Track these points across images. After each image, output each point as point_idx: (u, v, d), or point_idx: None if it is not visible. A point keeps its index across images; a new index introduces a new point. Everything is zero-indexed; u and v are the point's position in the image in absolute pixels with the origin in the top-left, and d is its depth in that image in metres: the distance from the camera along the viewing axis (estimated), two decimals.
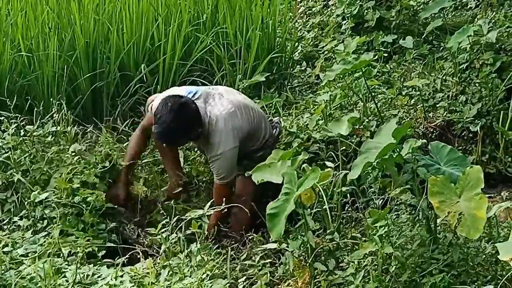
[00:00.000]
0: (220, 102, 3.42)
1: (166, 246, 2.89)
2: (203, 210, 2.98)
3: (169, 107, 3.26)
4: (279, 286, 2.73)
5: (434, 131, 4.14)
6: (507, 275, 2.53)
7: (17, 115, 3.82)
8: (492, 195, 3.65)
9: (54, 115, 3.88)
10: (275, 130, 3.69)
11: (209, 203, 3.03)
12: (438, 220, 2.76)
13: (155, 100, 3.50)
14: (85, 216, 3.26)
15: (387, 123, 2.95)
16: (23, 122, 3.80)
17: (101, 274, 2.80)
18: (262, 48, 4.63)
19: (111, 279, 2.75)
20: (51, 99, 4.16)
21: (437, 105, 4.26)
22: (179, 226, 2.93)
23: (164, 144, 3.49)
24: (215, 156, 3.33)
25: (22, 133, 3.72)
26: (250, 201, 3.37)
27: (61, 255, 2.98)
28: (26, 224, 3.25)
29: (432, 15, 4.86)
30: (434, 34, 5.02)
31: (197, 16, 4.71)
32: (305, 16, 5.76)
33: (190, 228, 2.94)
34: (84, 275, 2.79)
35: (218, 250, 3.00)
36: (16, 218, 3.32)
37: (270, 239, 2.75)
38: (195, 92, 3.48)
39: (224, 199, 3.13)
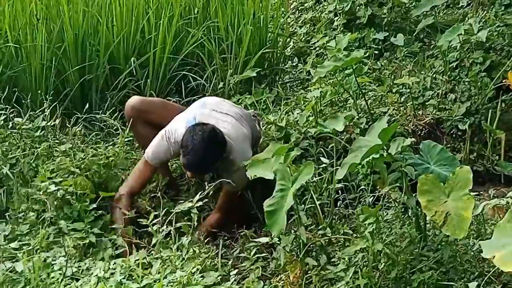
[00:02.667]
0: (221, 119, 3.41)
1: (158, 239, 2.87)
2: (192, 203, 2.96)
3: (200, 136, 3.19)
4: (271, 280, 2.73)
5: (424, 129, 4.16)
6: (492, 271, 2.56)
7: (7, 106, 3.77)
8: (480, 192, 3.68)
9: (45, 110, 3.82)
10: (256, 122, 3.71)
11: (197, 196, 3.01)
12: (428, 218, 2.77)
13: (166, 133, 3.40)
14: (74, 207, 3.19)
15: (379, 121, 2.95)
16: (12, 115, 3.75)
17: (92, 267, 2.78)
18: (254, 43, 4.62)
19: (100, 271, 2.74)
20: (39, 92, 4.12)
21: (427, 103, 4.28)
22: (168, 219, 2.90)
23: (191, 172, 3.35)
24: (235, 171, 3.28)
25: (10, 125, 3.67)
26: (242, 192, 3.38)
27: (50, 248, 2.96)
28: (33, 217, 3.19)
29: (424, 13, 4.87)
30: (425, 32, 5.04)
31: (189, 10, 4.68)
32: (297, 11, 5.75)
33: (181, 220, 2.94)
34: (78, 268, 2.77)
35: (209, 246, 2.99)
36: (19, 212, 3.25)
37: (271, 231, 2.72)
38: (193, 117, 3.41)
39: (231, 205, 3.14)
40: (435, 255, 2.67)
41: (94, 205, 3.25)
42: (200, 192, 3.00)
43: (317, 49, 5.11)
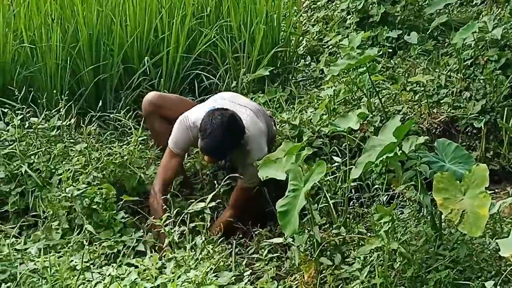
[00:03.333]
0: (240, 110, 3.40)
1: (170, 239, 2.88)
2: (205, 203, 2.97)
3: (219, 120, 3.19)
4: (285, 280, 2.73)
5: (438, 127, 4.13)
6: (508, 270, 2.54)
7: (23, 106, 3.80)
8: (496, 191, 3.66)
9: (61, 109, 3.85)
10: (272, 121, 3.71)
11: (210, 195, 3.01)
12: (443, 216, 2.75)
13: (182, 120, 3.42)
14: (101, 215, 3.17)
15: (392, 120, 2.94)
16: (29, 114, 3.78)
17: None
18: (266, 42, 4.62)
19: (114, 270, 2.75)
20: (54, 91, 4.15)
21: (441, 101, 4.25)
22: (179, 218, 2.90)
23: (209, 157, 3.36)
24: (250, 164, 3.27)
25: (27, 125, 3.70)
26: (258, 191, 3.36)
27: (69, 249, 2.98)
28: (64, 225, 3.20)
29: (438, 10, 4.83)
30: (439, 30, 5.00)
31: (201, 9, 4.69)
32: (310, 10, 5.74)
33: (194, 220, 2.94)
34: (99, 272, 2.78)
35: (223, 245, 2.99)
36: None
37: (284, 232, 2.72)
38: (213, 106, 3.41)
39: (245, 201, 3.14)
40: (451, 254, 2.66)
41: (122, 214, 3.23)
42: (213, 192, 3.00)
43: (330, 47, 5.09)
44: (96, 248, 3.00)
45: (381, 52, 4.25)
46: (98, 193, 3.22)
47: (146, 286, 2.64)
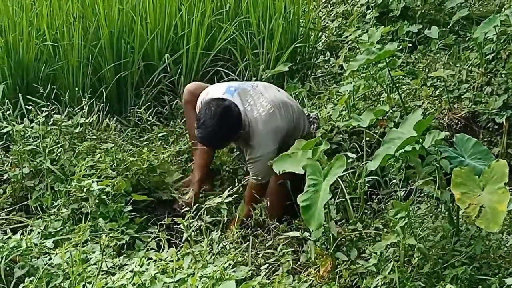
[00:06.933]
0: (260, 102, 3.39)
1: (188, 234, 2.91)
2: (221, 198, 3.00)
3: (212, 111, 3.23)
4: (301, 274, 2.74)
5: (459, 122, 4.09)
6: None
7: (48, 103, 3.87)
8: None
9: (84, 107, 3.91)
10: (312, 126, 3.67)
11: (227, 191, 3.04)
12: (460, 212, 2.74)
13: (202, 96, 3.48)
14: (109, 207, 3.24)
15: (413, 114, 2.93)
16: (53, 112, 3.85)
17: (127, 263, 2.83)
18: (285, 38, 4.62)
19: (136, 266, 2.79)
20: (76, 89, 4.22)
21: (462, 96, 4.21)
22: (198, 213, 2.94)
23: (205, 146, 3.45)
24: (254, 158, 3.31)
25: (51, 122, 3.77)
26: (282, 190, 3.35)
27: (88, 243, 3.03)
28: (66, 213, 3.27)
29: (458, 4, 4.79)
30: (460, 24, 4.95)
31: (220, 6, 4.72)
32: (329, 5, 5.72)
33: (210, 215, 2.96)
34: (113, 264, 2.82)
35: (240, 240, 3.01)
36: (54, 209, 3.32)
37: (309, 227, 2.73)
38: (234, 89, 3.44)
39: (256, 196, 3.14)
40: (468, 250, 2.64)
41: (130, 207, 3.28)
42: (232, 188, 3.03)
43: (349, 43, 5.07)
44: (109, 239, 3.05)
45: (401, 47, 4.20)
46: (110, 184, 3.27)
47: (166, 281, 2.66)
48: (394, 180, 3.22)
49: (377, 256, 2.60)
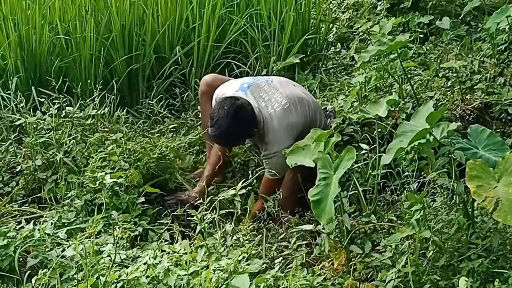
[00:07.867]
0: (274, 97, 3.38)
1: (202, 227, 2.92)
2: (235, 191, 3.00)
3: (225, 110, 3.23)
4: (315, 267, 2.74)
5: (472, 113, 4.06)
6: None
7: (61, 96, 3.89)
8: None
9: (95, 99, 3.93)
10: (329, 119, 3.66)
11: (240, 183, 3.04)
12: (476, 204, 2.73)
13: (216, 93, 3.48)
14: (122, 198, 3.25)
15: (424, 105, 2.91)
16: (65, 104, 3.87)
17: (140, 255, 2.84)
18: (296, 30, 4.61)
19: (149, 258, 2.80)
20: (88, 81, 4.24)
21: (475, 87, 4.18)
22: (212, 206, 2.94)
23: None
24: (269, 155, 3.31)
25: (63, 114, 3.79)
26: (296, 183, 3.34)
27: (101, 235, 3.05)
28: (79, 204, 3.29)
29: None
30: (471, 15, 4.91)
31: None
32: None
33: (222, 208, 2.97)
34: (126, 256, 2.84)
35: (254, 233, 3.01)
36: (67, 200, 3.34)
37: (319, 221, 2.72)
38: (248, 86, 3.43)
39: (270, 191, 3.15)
40: (484, 242, 2.63)
41: (142, 199, 3.30)
42: (244, 180, 3.03)
43: (360, 34, 5.04)
44: (122, 231, 3.06)
45: (412, 38, 4.19)
46: (123, 175, 3.29)
47: (180, 274, 2.67)
48: (407, 172, 3.21)
49: (392, 249, 2.60)
